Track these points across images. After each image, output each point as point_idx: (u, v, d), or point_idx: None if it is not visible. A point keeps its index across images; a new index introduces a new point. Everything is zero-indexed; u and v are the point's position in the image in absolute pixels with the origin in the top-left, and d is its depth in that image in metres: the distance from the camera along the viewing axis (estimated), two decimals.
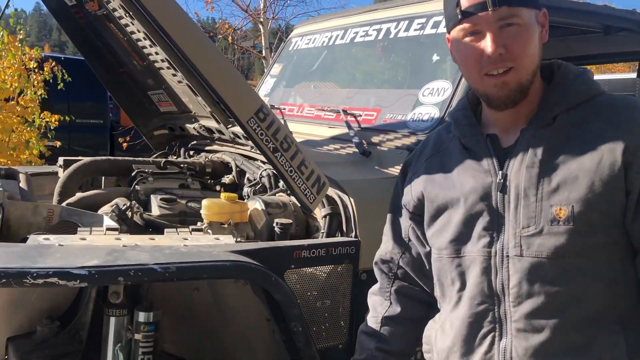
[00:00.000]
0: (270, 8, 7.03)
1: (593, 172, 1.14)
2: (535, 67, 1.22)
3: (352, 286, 1.86)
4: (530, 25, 1.20)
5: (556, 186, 1.17)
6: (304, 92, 3.04)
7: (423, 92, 2.21)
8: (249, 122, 1.66)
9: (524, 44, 1.19)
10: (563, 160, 1.18)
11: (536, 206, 1.18)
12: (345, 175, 2.04)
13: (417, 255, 1.43)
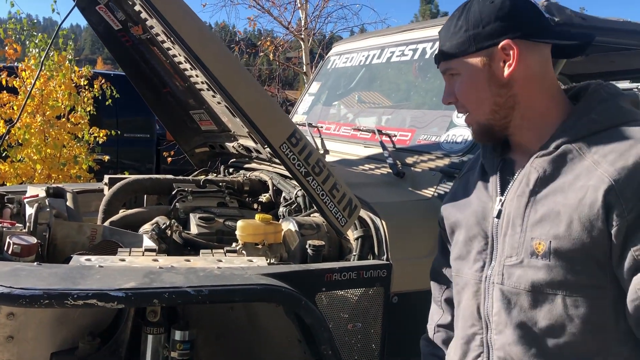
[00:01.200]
0: (311, 24, 7.14)
1: (573, 209, 1.08)
2: (494, 105, 1.20)
3: (384, 309, 1.87)
4: (471, 72, 1.20)
5: (539, 218, 1.13)
6: (341, 110, 3.07)
7: (457, 113, 2.20)
8: (281, 147, 1.70)
9: (466, 92, 1.22)
10: (552, 192, 1.13)
11: (520, 237, 1.15)
12: (378, 197, 2.06)
13: None
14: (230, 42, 8.86)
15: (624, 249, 1.05)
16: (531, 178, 1.17)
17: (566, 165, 1.14)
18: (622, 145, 1.09)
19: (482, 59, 1.19)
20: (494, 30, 1.18)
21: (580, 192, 1.08)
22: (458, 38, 1.21)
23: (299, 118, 3.36)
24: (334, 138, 2.89)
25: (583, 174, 1.10)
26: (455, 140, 2.14)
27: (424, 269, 1.94)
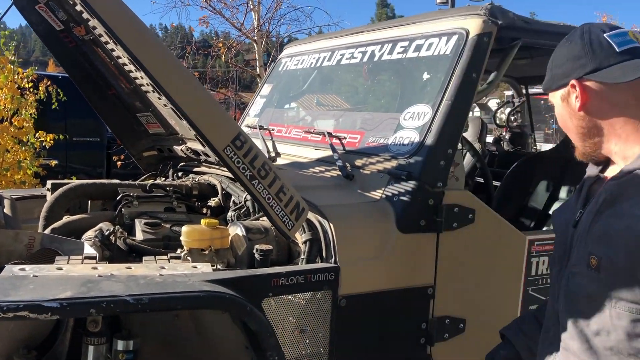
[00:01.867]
0: (264, 26, 7.09)
1: (621, 235, 1.22)
2: (580, 134, 1.36)
3: (332, 312, 1.85)
4: (557, 106, 1.39)
5: (597, 237, 1.28)
6: (292, 112, 3.05)
7: (404, 115, 2.21)
8: (225, 151, 1.67)
9: (558, 119, 1.41)
10: (612, 214, 1.27)
11: (583, 249, 1.31)
12: (327, 200, 2.04)
13: None
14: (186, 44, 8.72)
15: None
16: (600, 199, 1.31)
17: (631, 191, 1.26)
18: None
19: (561, 95, 1.36)
20: (565, 71, 1.34)
21: (632, 220, 1.21)
22: (547, 75, 1.40)
23: (250, 120, 3.32)
24: (285, 141, 2.87)
25: (638, 203, 1.22)
26: (402, 142, 2.15)
27: (373, 271, 1.94)
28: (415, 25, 2.44)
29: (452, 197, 2.06)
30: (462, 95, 2.08)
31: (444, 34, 2.26)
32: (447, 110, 2.07)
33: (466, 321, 2.14)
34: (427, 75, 2.25)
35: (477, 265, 2.15)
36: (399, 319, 2.00)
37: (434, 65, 2.23)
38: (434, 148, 2.04)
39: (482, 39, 2.12)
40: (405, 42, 2.45)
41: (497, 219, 2.19)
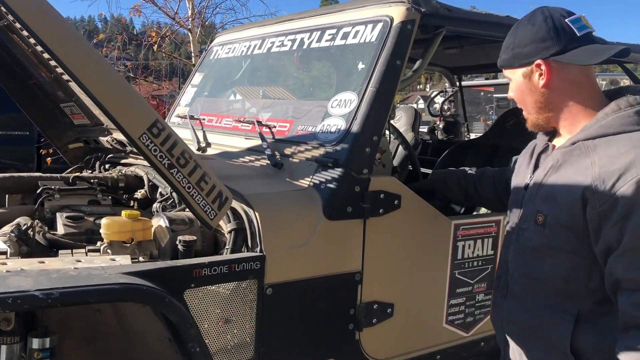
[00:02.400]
0: (199, 15, 6.94)
1: (564, 195, 1.45)
2: (537, 108, 1.56)
3: (258, 302, 1.84)
4: (517, 81, 1.57)
5: (544, 197, 1.52)
6: (223, 102, 3.00)
7: (332, 103, 2.21)
8: (140, 139, 1.62)
9: (515, 95, 1.60)
10: (557, 178, 1.50)
11: (532, 208, 1.56)
12: (254, 189, 2.02)
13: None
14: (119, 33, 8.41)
15: (597, 233, 1.39)
16: (548, 165, 1.54)
17: (573, 159, 1.47)
18: (618, 151, 1.38)
19: (523, 72, 1.54)
20: (530, 51, 1.51)
21: (573, 184, 1.42)
22: (507, 54, 1.57)
23: (181, 110, 3.25)
24: (216, 130, 2.82)
25: (582, 170, 1.42)
26: (329, 130, 2.15)
27: (300, 259, 1.94)
28: (343, 13, 2.44)
29: (378, 184, 2.07)
30: (387, 83, 2.10)
31: (370, 22, 2.26)
32: (372, 98, 2.08)
33: (394, 305, 2.17)
34: (354, 62, 2.26)
35: (404, 250, 2.19)
36: (327, 305, 2.01)
37: (360, 53, 2.24)
38: (360, 135, 2.05)
39: (405, 27, 2.14)
40: (334, 29, 2.44)
41: (422, 205, 2.22)
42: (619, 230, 1.33)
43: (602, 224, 1.36)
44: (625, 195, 1.32)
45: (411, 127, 3.75)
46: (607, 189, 1.35)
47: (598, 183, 1.37)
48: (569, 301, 1.48)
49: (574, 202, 1.41)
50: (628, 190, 1.32)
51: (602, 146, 1.43)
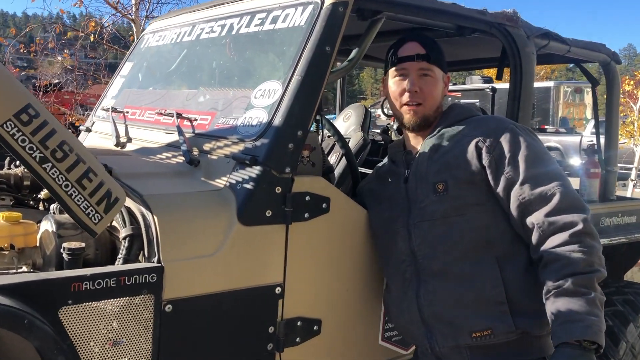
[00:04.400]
0: (143, 5, 6.59)
1: (458, 158, 1.79)
2: (437, 107, 1.95)
3: (155, 321, 1.58)
4: (439, 80, 1.94)
5: (437, 169, 1.81)
6: (148, 93, 2.72)
7: (255, 93, 1.97)
8: (4, 127, 1.34)
9: (431, 90, 1.91)
10: (442, 153, 1.84)
11: (428, 185, 1.81)
12: (158, 189, 1.76)
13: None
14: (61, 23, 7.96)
15: (497, 175, 1.74)
16: (427, 149, 1.87)
17: (447, 137, 1.86)
18: (479, 123, 1.87)
19: (442, 76, 1.95)
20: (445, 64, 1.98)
21: (460, 149, 1.79)
22: (439, 56, 1.94)
23: (107, 103, 2.96)
24: (138, 124, 2.55)
25: (461, 140, 1.82)
26: (250, 123, 1.90)
27: (207, 271, 1.68)
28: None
29: (303, 185, 1.83)
30: (314, 71, 1.86)
31: (300, 4, 2.03)
32: (296, 87, 1.84)
33: (322, 322, 1.93)
34: (281, 49, 2.02)
35: (334, 259, 1.95)
36: (240, 324, 1.75)
37: (289, 38, 2.00)
38: (282, 129, 1.80)
39: (336, 9, 1.91)
40: (264, 13, 2.20)
41: (356, 209, 1.99)
42: (513, 165, 1.72)
43: (499, 165, 1.74)
44: (507, 139, 1.76)
45: (360, 126, 3.53)
46: (494, 140, 1.77)
47: (482, 138, 1.78)
48: (488, 251, 1.74)
49: (470, 158, 1.77)
50: (507, 136, 1.77)
51: (461, 126, 1.87)
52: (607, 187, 3.15)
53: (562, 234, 1.60)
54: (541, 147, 1.78)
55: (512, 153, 1.72)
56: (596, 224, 2.87)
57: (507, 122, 1.84)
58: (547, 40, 2.63)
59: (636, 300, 2.72)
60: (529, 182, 1.68)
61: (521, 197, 1.69)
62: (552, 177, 1.69)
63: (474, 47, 2.90)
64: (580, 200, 1.69)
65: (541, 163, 1.72)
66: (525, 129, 1.84)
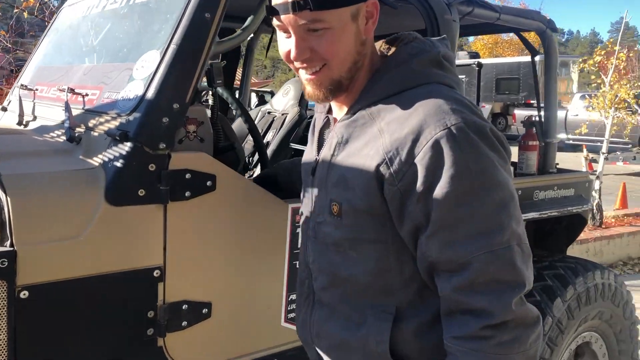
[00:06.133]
0: None
1: (357, 176, 1.19)
2: (353, 63, 1.22)
3: (9, 308, 1.48)
4: (339, 27, 1.17)
5: (335, 182, 1.25)
6: (56, 69, 2.60)
7: (137, 65, 1.85)
8: None
9: (332, 46, 1.18)
10: (346, 157, 1.24)
11: (324, 197, 1.29)
12: (23, 168, 1.66)
13: None
14: None
15: (401, 213, 1.16)
16: (333, 142, 1.28)
17: (359, 130, 1.23)
18: (405, 112, 1.15)
19: (353, 13, 1.18)
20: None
21: (364, 160, 1.18)
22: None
23: (22, 79, 2.84)
24: (44, 102, 2.43)
25: (371, 142, 1.18)
26: (128, 96, 1.79)
27: (70, 254, 1.58)
28: None
29: (182, 161, 1.73)
30: (192, 39, 1.75)
31: None
32: (172, 57, 1.72)
33: (212, 304, 1.85)
34: (165, 16, 1.89)
35: (223, 240, 1.86)
36: (115, 308, 1.66)
37: (172, 5, 1.88)
38: (154, 102, 1.69)
39: None
40: None
41: (249, 187, 1.89)
42: (424, 206, 1.12)
43: (405, 201, 1.14)
44: (423, 163, 1.11)
45: (298, 102, 3.42)
46: (403, 159, 1.13)
47: (392, 154, 1.14)
48: (384, 298, 1.25)
49: (368, 181, 1.17)
50: (425, 156, 1.11)
51: (387, 110, 1.20)
52: (547, 160, 3.07)
53: (470, 323, 1.10)
54: (485, 172, 1.11)
55: (428, 185, 1.11)
56: (529, 198, 2.80)
57: (445, 117, 1.11)
58: (471, 7, 2.52)
59: (566, 274, 2.65)
60: (440, 235, 1.11)
61: (427, 254, 1.14)
62: (476, 230, 1.09)
63: (396, 17, 2.78)
64: (515, 270, 1.10)
65: (467, 205, 1.10)
66: (480, 130, 1.13)
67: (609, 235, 6.63)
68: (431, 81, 1.22)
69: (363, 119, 1.23)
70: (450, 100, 1.15)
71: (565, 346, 2.64)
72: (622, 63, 7.32)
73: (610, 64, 7.22)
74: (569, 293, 2.59)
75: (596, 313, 2.74)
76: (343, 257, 1.27)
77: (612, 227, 7.08)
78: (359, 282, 1.26)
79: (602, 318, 2.78)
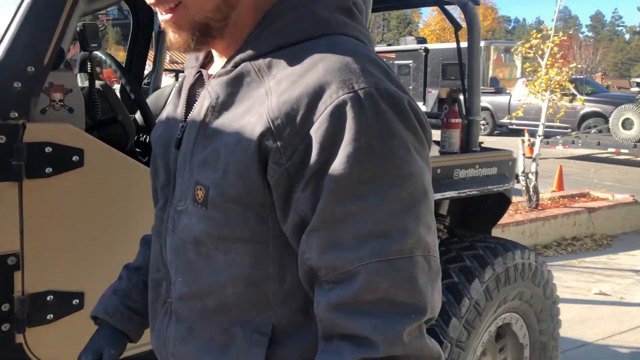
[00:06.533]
0: None
1: (231, 151, 0.88)
2: (223, 5, 0.91)
3: None
4: None
5: (204, 159, 0.92)
6: None
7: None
8: None
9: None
10: (220, 125, 0.92)
11: (188, 178, 0.96)
12: None
13: None
14: None
15: (286, 203, 0.86)
16: (204, 105, 0.95)
17: (242, 91, 0.91)
18: (300, 68, 0.86)
19: None
20: None
21: (243, 130, 0.87)
22: None
23: None
24: None
25: (255, 106, 0.88)
26: None
27: None
28: None
29: (41, 133, 1.52)
30: None
31: None
32: (25, 12, 1.50)
33: (85, 294, 1.65)
34: None
35: (97, 221, 1.66)
36: None
37: None
38: (4, 64, 1.47)
39: None
40: None
41: (124, 162, 1.70)
42: (313, 192, 0.82)
43: (294, 186, 0.84)
44: (319, 135, 0.81)
45: None
46: (295, 129, 0.82)
47: (280, 123, 0.83)
48: (258, 314, 0.94)
49: (246, 159, 0.86)
50: (322, 126, 0.81)
51: (280, 65, 0.90)
52: (470, 138, 2.98)
53: (344, 354, 0.82)
54: (394, 157, 0.82)
55: (321, 165, 0.82)
56: (449, 177, 2.70)
57: (352, 78, 0.84)
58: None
59: (486, 254, 2.57)
60: (322, 232, 0.83)
61: (306, 255, 0.85)
62: (369, 231, 0.81)
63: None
64: (415, 289, 0.82)
65: (363, 197, 0.81)
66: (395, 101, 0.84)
67: (544, 217, 6.71)
68: (337, 31, 0.92)
69: (248, 75, 0.91)
70: (362, 58, 0.86)
71: (484, 328, 2.57)
72: (556, 47, 7.39)
73: (546, 47, 7.28)
74: (488, 274, 2.51)
75: (516, 294, 2.68)
76: (206, 259, 0.95)
77: (548, 208, 7.18)
78: (226, 294, 0.95)
79: (523, 298, 2.73)
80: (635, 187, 9.96)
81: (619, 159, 12.98)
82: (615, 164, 12.74)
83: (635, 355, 4.10)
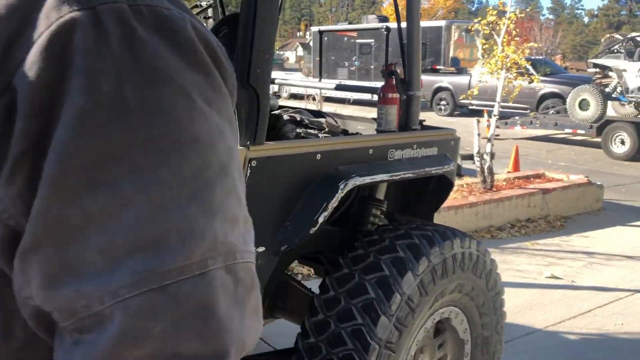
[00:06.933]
0: None
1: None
2: None
3: None
4: None
5: None
6: None
7: None
8: None
9: None
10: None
11: None
12: None
13: None
14: None
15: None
16: None
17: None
18: None
19: None
20: None
21: None
22: None
23: None
24: None
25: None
26: None
27: None
28: None
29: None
30: None
31: None
32: None
33: None
34: None
35: None
36: None
37: None
38: None
39: None
40: None
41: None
42: (25, 184, 0.48)
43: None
44: (31, 81, 0.46)
45: None
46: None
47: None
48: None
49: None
50: (35, 66, 0.46)
51: None
52: (409, 115, 2.72)
53: None
54: (164, 112, 0.48)
55: (38, 134, 0.47)
56: (383, 158, 2.44)
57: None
58: None
59: (421, 244, 2.32)
60: (48, 253, 0.47)
61: (25, 294, 0.50)
62: (127, 242, 0.47)
63: None
64: (215, 325, 0.49)
65: (112, 185, 0.47)
66: (166, 23, 0.51)
67: (498, 199, 6.57)
68: None
69: None
70: None
71: (419, 326, 2.33)
72: (515, 27, 7.20)
73: (502, 24, 7.09)
74: (422, 266, 2.26)
75: (455, 286, 2.45)
76: None
77: (503, 190, 7.05)
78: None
79: (463, 291, 2.50)
80: (591, 168, 9.98)
81: (576, 139, 13.03)
82: (573, 145, 12.80)
83: (585, 341, 3.97)
